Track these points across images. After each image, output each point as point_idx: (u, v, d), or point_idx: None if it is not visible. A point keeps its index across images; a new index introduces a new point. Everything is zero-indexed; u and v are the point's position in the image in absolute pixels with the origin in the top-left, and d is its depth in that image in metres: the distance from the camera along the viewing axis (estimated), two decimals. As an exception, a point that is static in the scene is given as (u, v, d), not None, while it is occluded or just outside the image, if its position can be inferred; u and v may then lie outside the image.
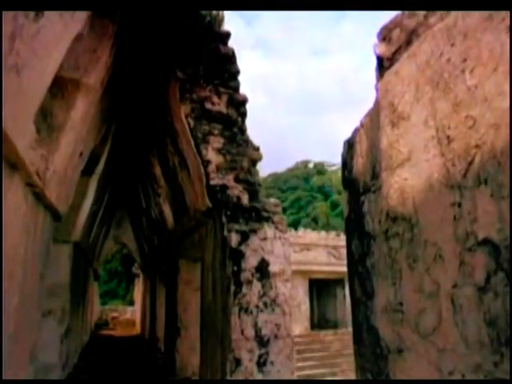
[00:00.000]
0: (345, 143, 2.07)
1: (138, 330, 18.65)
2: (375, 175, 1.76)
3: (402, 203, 1.59)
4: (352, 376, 12.14)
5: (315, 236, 21.48)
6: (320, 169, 73.05)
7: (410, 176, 1.57)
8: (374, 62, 1.92)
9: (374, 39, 1.92)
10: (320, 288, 21.54)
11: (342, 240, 23.20)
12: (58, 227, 6.08)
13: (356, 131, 1.95)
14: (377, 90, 1.86)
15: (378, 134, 1.77)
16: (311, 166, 74.06)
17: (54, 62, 3.04)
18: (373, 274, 1.73)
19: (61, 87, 4.02)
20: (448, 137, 1.39)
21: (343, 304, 20.43)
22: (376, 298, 1.69)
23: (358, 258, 1.85)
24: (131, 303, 27.72)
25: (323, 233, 23.40)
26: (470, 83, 1.30)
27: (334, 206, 59.02)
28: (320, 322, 20.84)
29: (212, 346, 4.50)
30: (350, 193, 1.98)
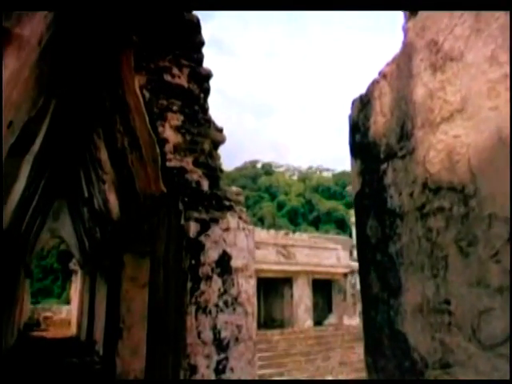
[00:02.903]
0: (355, 102, 1.66)
1: (73, 330, 17.32)
2: (405, 136, 1.36)
3: (451, 168, 1.20)
4: (298, 376, 11.92)
5: (264, 234, 21.29)
6: (268, 169, 73.82)
7: (464, 131, 1.18)
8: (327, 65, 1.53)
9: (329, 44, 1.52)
10: (267, 287, 21.37)
11: (291, 239, 23.23)
12: (-21, 212, 5.20)
13: (374, 84, 1.54)
14: (406, 30, 1.46)
15: (411, 84, 1.37)
16: (259, 166, 74.62)
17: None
18: (399, 263, 1.32)
19: (-14, 37, 3.29)
20: (534, 72, 1.01)
21: (290, 303, 20.39)
22: (404, 295, 1.29)
23: (375, 243, 1.44)
24: (67, 302, 25.90)
25: (272, 231, 23.27)
26: None
27: (281, 206, 59.73)
28: (267, 321, 20.65)
29: (162, 351, 3.94)
30: (362, 161, 1.56)
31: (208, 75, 4.35)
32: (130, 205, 5.85)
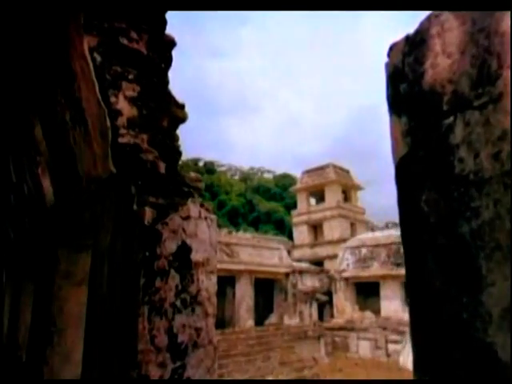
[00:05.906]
0: (396, 45, 1.31)
1: (-9, 333, 15.56)
2: (485, 79, 1.02)
3: None
4: (238, 377, 11.60)
5: (208, 232, 20.67)
6: (210, 167, 73.19)
7: None
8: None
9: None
10: (209, 286, 20.79)
11: (234, 238, 22.91)
12: None
13: (430, 20, 1.19)
14: None
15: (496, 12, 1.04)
16: (201, 164, 73.67)
17: None
18: (477, 247, 0.98)
19: None
20: None
21: (232, 303, 20.05)
22: (488, 291, 0.94)
23: (435, 222, 1.08)
24: (-15, 301, 23.43)
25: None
26: None
27: (221, 205, 59.38)
28: (207, 321, 20.12)
29: (104, 359, 3.35)
30: (411, 117, 1.20)
31: (171, 43, 3.83)
32: (68, 190, 5.12)
